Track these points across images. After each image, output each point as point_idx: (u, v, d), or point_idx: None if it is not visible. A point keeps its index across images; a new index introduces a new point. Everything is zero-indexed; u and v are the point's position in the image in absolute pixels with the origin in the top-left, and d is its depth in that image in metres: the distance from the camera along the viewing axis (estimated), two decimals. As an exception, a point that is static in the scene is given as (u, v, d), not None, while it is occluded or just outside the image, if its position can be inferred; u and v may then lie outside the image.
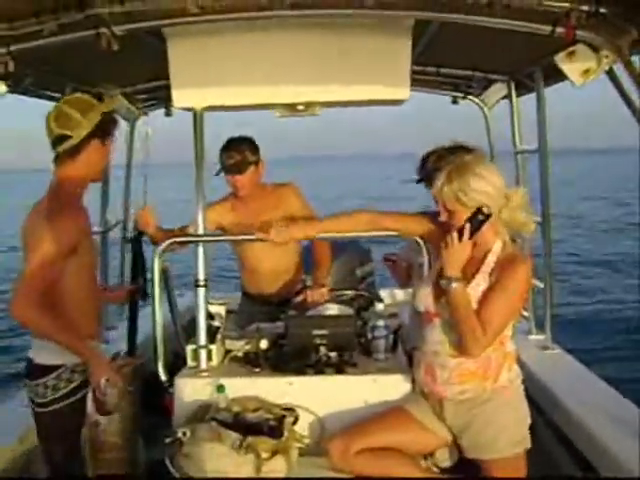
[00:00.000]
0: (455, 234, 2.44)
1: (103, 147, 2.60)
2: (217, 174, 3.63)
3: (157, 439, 2.90)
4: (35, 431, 2.60)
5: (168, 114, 4.76)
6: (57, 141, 2.53)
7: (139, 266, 3.03)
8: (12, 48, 2.43)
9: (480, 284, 2.47)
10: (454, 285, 2.42)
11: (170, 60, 2.94)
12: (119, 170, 4.58)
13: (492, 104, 4.51)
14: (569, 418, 3.00)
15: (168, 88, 4.47)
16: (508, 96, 4.28)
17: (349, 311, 3.41)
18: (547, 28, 2.46)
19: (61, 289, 2.45)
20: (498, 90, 4.36)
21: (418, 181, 3.21)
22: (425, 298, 2.60)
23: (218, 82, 3.01)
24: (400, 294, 4.80)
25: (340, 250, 4.32)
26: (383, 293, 4.59)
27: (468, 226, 2.42)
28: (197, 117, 3.11)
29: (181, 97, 3.02)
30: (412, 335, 3.07)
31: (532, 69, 3.85)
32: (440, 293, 2.55)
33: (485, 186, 2.42)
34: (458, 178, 2.43)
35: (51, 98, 3.82)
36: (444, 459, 2.77)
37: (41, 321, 2.38)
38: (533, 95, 3.95)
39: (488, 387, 2.55)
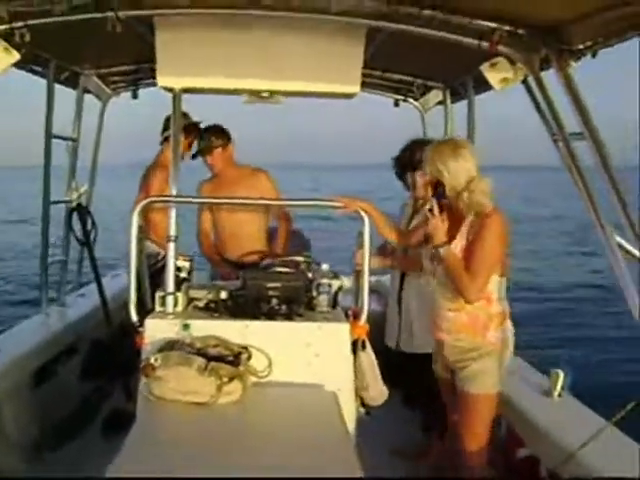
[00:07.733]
0: (428, 212, 2.96)
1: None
2: (193, 158, 4.47)
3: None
4: None
5: (135, 97, 5.20)
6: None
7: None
8: (29, 22, 2.86)
9: (459, 243, 2.94)
10: (442, 250, 2.91)
11: (157, 46, 3.38)
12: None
13: (429, 108, 5.10)
14: None
15: (138, 72, 4.91)
16: (443, 101, 4.88)
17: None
18: (475, 42, 3.07)
19: None
20: (435, 96, 4.96)
21: (397, 172, 3.87)
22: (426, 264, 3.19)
23: (196, 68, 3.48)
24: None
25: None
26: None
27: (434, 200, 2.95)
28: (176, 97, 3.55)
29: (164, 78, 3.46)
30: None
31: (464, 78, 4.46)
32: (432, 259, 3.09)
33: (443, 169, 2.93)
34: (435, 156, 2.97)
35: (36, 73, 4.20)
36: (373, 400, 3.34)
37: None
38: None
39: (478, 342, 2.99)
